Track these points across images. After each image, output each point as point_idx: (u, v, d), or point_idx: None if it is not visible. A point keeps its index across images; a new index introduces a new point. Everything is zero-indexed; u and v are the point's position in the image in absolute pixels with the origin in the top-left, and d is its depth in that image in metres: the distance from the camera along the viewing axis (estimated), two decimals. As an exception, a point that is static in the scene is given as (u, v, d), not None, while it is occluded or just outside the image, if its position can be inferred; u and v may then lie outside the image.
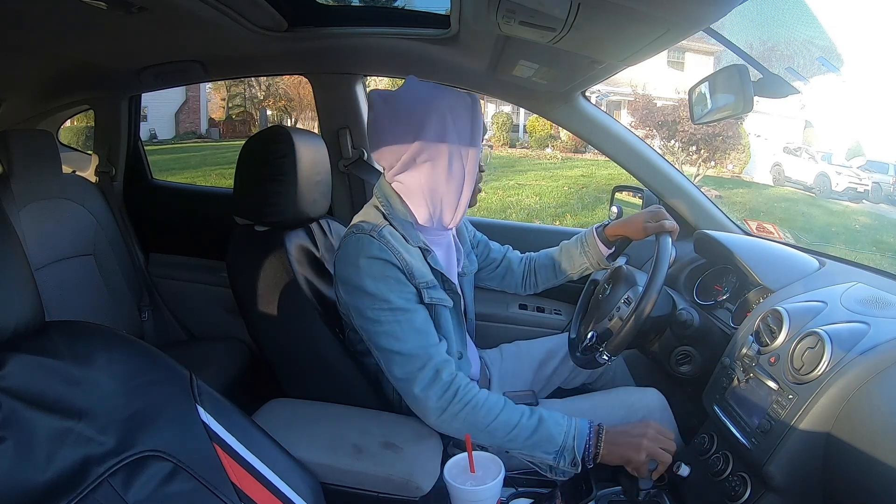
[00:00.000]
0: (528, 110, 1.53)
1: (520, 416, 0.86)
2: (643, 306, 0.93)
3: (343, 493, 0.78)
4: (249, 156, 1.04)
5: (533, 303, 1.56)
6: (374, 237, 0.87)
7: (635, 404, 1.02)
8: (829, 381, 0.75)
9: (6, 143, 1.37)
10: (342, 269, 0.90)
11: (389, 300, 0.86)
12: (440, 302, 0.92)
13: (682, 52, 8.95)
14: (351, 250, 0.89)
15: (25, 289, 0.52)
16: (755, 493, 0.80)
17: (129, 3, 0.98)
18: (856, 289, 0.91)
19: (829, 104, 9.33)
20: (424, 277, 0.90)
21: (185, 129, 11.54)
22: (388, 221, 0.91)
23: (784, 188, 8.55)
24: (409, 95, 0.90)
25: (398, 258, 0.87)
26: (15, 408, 0.49)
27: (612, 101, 10.40)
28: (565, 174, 8.65)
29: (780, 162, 8.75)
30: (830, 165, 8.28)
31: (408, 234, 0.91)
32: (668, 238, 0.98)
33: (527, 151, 10.21)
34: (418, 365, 0.85)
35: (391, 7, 1.54)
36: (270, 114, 11.65)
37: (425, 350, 0.86)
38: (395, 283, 0.86)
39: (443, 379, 0.85)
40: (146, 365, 0.59)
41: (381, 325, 0.86)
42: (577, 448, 0.84)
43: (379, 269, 0.86)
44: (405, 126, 0.88)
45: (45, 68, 1.51)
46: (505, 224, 1.79)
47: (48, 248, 1.44)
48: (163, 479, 0.55)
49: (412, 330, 0.86)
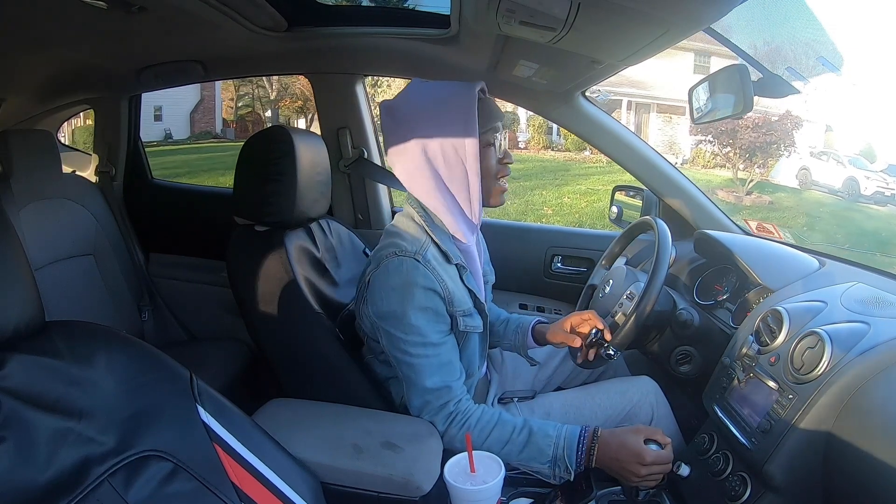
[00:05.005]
0: (529, 110, 1.53)
1: (511, 431, 0.87)
2: (644, 305, 0.93)
3: (343, 493, 0.78)
4: (249, 156, 1.04)
5: (533, 303, 1.56)
6: (420, 262, 0.85)
7: (629, 390, 1.03)
8: (829, 380, 0.75)
9: (6, 143, 1.37)
10: (381, 292, 0.87)
11: (425, 335, 0.86)
12: (474, 329, 0.92)
13: (708, 57, 8.97)
14: (394, 274, 0.85)
15: (25, 289, 0.52)
16: (755, 493, 0.80)
17: (129, 3, 0.98)
18: (856, 289, 0.91)
19: (842, 108, 9.37)
20: (462, 305, 0.89)
21: (200, 128, 11.51)
22: (430, 234, 0.89)
23: (813, 192, 8.58)
24: (405, 99, 0.89)
25: (442, 286, 0.86)
26: (15, 408, 0.49)
27: (640, 103, 10.50)
28: (623, 178, 8.66)
29: (807, 166, 8.72)
30: (858, 170, 8.35)
31: (448, 251, 0.90)
32: (667, 238, 0.98)
33: (570, 154, 10.04)
34: (435, 400, 0.88)
35: (391, 7, 1.54)
36: (283, 115, 11.62)
37: (446, 386, 0.88)
38: (434, 316, 0.86)
39: (449, 409, 0.88)
40: (146, 365, 0.59)
41: (409, 357, 0.87)
42: (569, 458, 0.84)
43: (424, 300, 0.85)
44: (403, 131, 0.88)
45: (45, 68, 1.51)
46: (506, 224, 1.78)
47: (48, 248, 1.44)
48: (163, 479, 0.55)
49: (438, 365, 0.88)
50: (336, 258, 1.14)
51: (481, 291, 0.97)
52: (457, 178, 0.89)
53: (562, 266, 1.56)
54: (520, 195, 7.47)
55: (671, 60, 9.29)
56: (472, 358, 0.95)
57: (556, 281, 1.55)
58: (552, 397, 1.07)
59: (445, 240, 0.91)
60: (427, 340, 0.86)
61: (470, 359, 0.95)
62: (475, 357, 0.96)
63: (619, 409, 1.01)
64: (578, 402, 1.03)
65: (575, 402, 1.03)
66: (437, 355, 0.87)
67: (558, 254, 1.55)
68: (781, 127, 8.00)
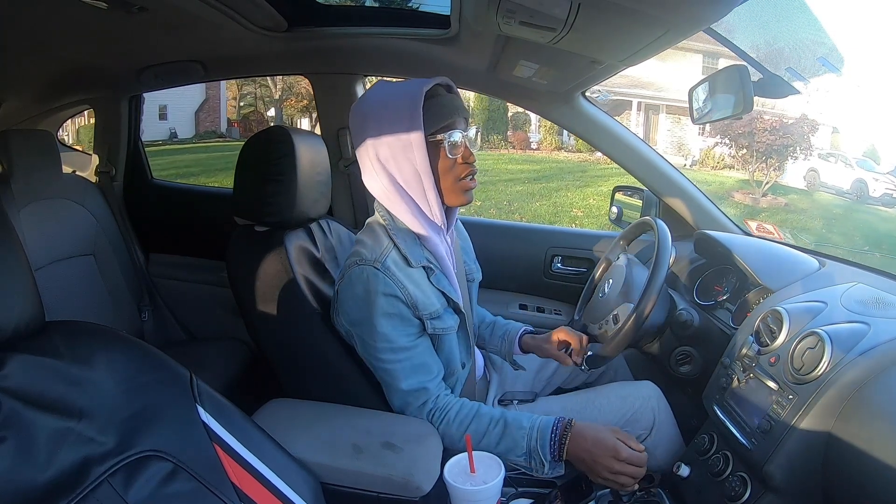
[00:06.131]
0: (529, 110, 1.53)
1: (487, 424, 0.87)
2: (643, 306, 0.93)
3: (343, 493, 0.78)
4: (249, 156, 1.03)
5: (533, 303, 1.56)
6: (379, 269, 0.85)
7: (630, 395, 1.02)
8: (829, 381, 0.75)
9: (6, 143, 1.37)
10: (348, 302, 0.89)
11: (393, 340, 0.86)
12: (444, 331, 0.91)
13: (716, 58, 9.00)
14: (357, 283, 0.87)
15: (25, 289, 0.52)
16: (755, 494, 0.80)
17: (129, 4, 0.98)
18: (856, 289, 0.91)
19: (848, 109, 9.39)
20: (429, 308, 0.89)
21: (205, 128, 11.54)
22: (391, 238, 0.89)
23: (822, 193, 8.60)
24: (359, 104, 0.90)
25: (403, 292, 0.86)
26: (15, 408, 0.49)
27: (649, 104, 10.54)
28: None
29: (815, 168, 8.75)
30: (867, 172, 8.41)
31: (410, 254, 0.89)
32: (667, 238, 0.98)
33: (584, 155, 10.03)
34: (413, 400, 0.89)
35: (391, 7, 1.54)
36: (287, 115, 11.62)
37: (422, 386, 0.89)
38: (399, 321, 0.87)
39: (428, 407, 0.89)
40: (146, 365, 0.59)
41: (382, 363, 0.88)
42: (542, 450, 0.83)
43: (387, 307, 0.85)
44: (358, 135, 0.89)
45: (45, 68, 1.51)
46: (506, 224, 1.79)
47: (48, 248, 1.44)
48: (163, 479, 0.55)
49: (412, 368, 0.88)
50: (336, 258, 1.14)
51: (455, 291, 0.94)
52: (409, 179, 0.88)
53: (561, 266, 1.56)
54: (546, 197, 7.59)
55: (681, 62, 9.34)
56: (450, 357, 0.95)
57: (556, 281, 1.55)
58: (552, 401, 1.07)
59: (410, 242, 0.90)
60: (396, 346, 0.87)
61: (449, 357, 0.94)
62: (454, 355, 0.95)
63: (621, 414, 1.01)
64: (579, 407, 1.02)
65: (575, 407, 1.03)
66: (408, 359, 0.88)
67: (558, 254, 1.55)
68: (797, 130, 8.09)
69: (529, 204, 7.30)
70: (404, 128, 0.85)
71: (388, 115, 0.86)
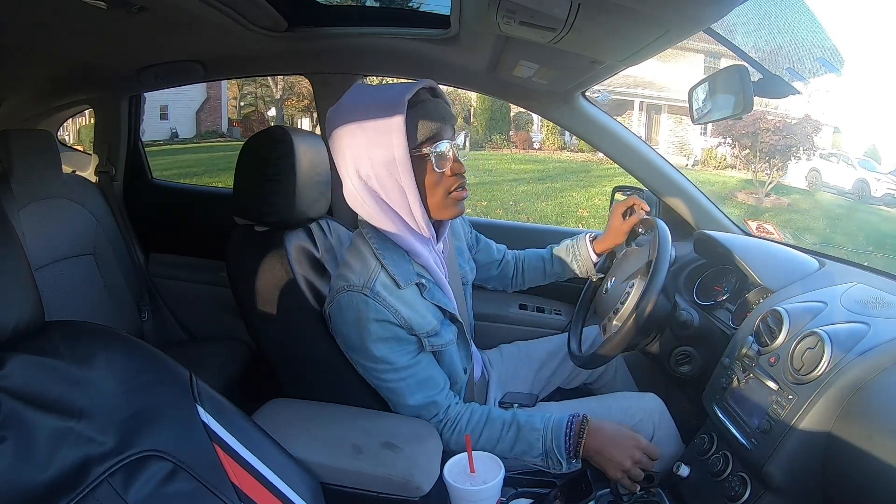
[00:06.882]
0: (529, 111, 1.53)
1: (500, 429, 0.87)
2: (643, 306, 0.93)
3: (343, 493, 0.78)
4: (249, 156, 1.03)
5: (533, 303, 1.56)
6: (369, 296, 0.82)
7: (632, 407, 1.02)
8: (828, 381, 0.75)
9: (6, 143, 1.36)
10: (341, 327, 0.87)
11: (392, 362, 0.86)
12: (442, 347, 0.90)
13: (718, 58, 9.02)
14: (347, 310, 0.84)
15: (25, 289, 0.52)
16: (755, 494, 0.80)
17: (129, 3, 0.98)
18: (856, 289, 0.91)
19: (849, 109, 9.41)
20: (424, 327, 0.86)
21: (206, 127, 11.56)
22: (378, 259, 0.85)
23: (824, 193, 8.62)
24: (336, 113, 0.84)
25: (396, 316, 0.83)
26: (15, 408, 0.49)
27: (651, 104, 10.56)
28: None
29: (817, 168, 8.78)
30: (868, 172, 8.44)
31: (399, 273, 0.85)
32: (667, 238, 0.98)
33: (587, 155, 10.02)
34: (424, 414, 0.89)
35: (391, 7, 1.54)
36: (288, 115, 11.62)
37: (431, 401, 0.88)
38: (396, 343, 0.85)
39: (439, 418, 0.89)
40: (146, 365, 0.59)
41: (386, 383, 0.88)
42: (558, 449, 0.84)
43: (381, 332, 0.84)
44: (336, 141, 0.84)
45: (45, 68, 1.51)
46: (505, 224, 1.78)
47: (48, 247, 1.44)
48: (163, 478, 0.55)
49: (416, 385, 0.88)
50: (336, 258, 1.14)
51: (450, 301, 0.92)
52: (394, 197, 0.83)
53: None
54: (551, 197, 7.61)
55: (682, 62, 9.35)
56: (452, 367, 0.94)
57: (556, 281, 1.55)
58: (553, 408, 1.06)
59: (398, 259, 0.86)
60: (397, 366, 0.86)
61: (451, 368, 0.94)
62: (456, 365, 0.95)
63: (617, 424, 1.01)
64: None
65: None
66: (412, 376, 0.87)
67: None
68: (801, 130, 8.11)
69: (535, 204, 7.31)
70: (385, 143, 0.79)
71: (368, 128, 0.79)
